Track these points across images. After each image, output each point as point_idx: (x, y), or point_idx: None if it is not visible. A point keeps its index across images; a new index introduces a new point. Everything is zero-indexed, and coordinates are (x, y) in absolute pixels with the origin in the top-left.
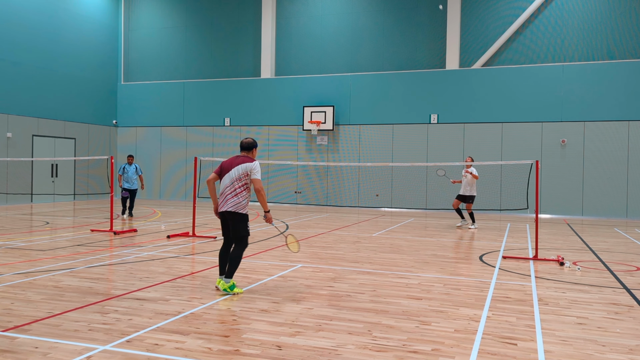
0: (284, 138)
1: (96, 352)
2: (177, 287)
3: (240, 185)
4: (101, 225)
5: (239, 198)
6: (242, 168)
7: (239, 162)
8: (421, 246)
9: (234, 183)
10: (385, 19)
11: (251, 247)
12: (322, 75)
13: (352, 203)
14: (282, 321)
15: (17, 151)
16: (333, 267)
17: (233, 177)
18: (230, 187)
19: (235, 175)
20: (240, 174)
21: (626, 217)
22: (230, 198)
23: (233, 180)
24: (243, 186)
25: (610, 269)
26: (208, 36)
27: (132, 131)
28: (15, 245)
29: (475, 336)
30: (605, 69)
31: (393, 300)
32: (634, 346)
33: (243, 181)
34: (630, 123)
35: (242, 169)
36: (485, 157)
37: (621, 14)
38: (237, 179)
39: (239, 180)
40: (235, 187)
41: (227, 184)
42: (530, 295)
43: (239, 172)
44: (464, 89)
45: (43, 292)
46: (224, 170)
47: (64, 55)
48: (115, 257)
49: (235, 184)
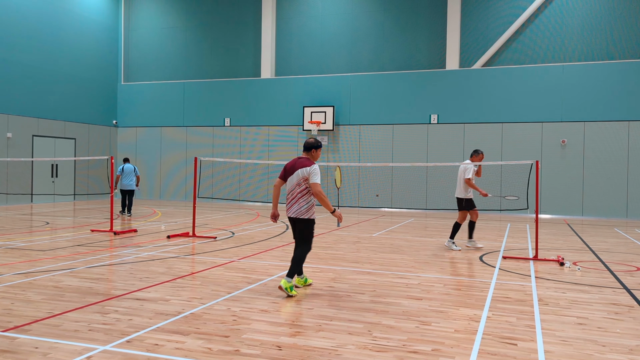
0: (284, 138)
1: (96, 352)
2: (177, 287)
3: (300, 191)
4: (101, 225)
5: (299, 204)
6: (301, 173)
7: (298, 166)
8: (421, 246)
9: (294, 189)
10: (385, 19)
11: (251, 247)
12: (322, 76)
13: (352, 203)
14: (282, 321)
15: (17, 151)
16: (333, 267)
17: (293, 183)
18: (291, 194)
19: (295, 180)
20: (300, 179)
21: (626, 217)
22: (293, 204)
23: (293, 186)
24: (302, 192)
25: (610, 269)
26: (208, 36)
27: (132, 131)
28: (15, 245)
29: (476, 336)
30: (605, 69)
31: (393, 300)
32: (634, 346)
33: (302, 186)
34: (630, 123)
35: (300, 174)
36: (485, 157)
37: (621, 14)
38: (297, 184)
39: (299, 186)
40: (295, 194)
41: (290, 189)
42: (531, 296)
43: (298, 178)
44: (464, 89)
45: (43, 292)
46: (287, 173)
47: (64, 56)
48: (115, 257)
49: (295, 189)
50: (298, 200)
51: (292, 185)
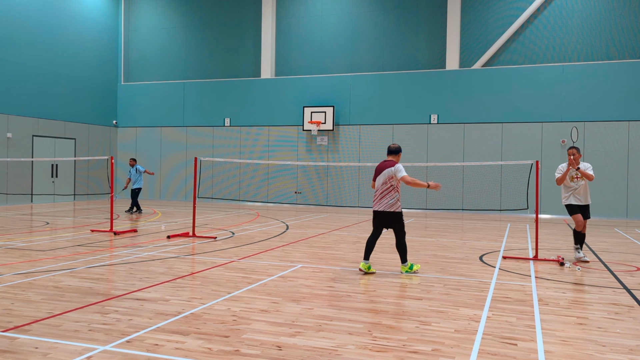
0: (284, 138)
1: (96, 353)
2: (177, 287)
3: (386, 189)
4: (101, 225)
5: (386, 199)
6: (387, 173)
7: (384, 167)
8: (421, 246)
9: (382, 186)
10: (385, 19)
11: (251, 247)
12: (322, 76)
13: (352, 203)
14: (282, 321)
15: (17, 151)
16: (333, 267)
17: (380, 182)
18: (379, 191)
19: (382, 180)
20: (386, 178)
21: (626, 217)
22: (380, 200)
23: (381, 184)
24: (388, 189)
25: (610, 269)
26: (208, 36)
27: (132, 131)
28: (15, 245)
29: (475, 336)
30: (605, 69)
31: (393, 300)
32: (634, 346)
33: (388, 184)
34: (630, 123)
35: (386, 174)
36: (485, 157)
37: (621, 14)
38: (383, 182)
39: (385, 184)
40: (382, 191)
41: (377, 187)
42: (531, 296)
43: (384, 177)
44: (464, 89)
45: (43, 292)
46: (376, 174)
47: (64, 55)
48: (115, 258)
49: (381, 187)
50: (385, 196)
51: (380, 184)
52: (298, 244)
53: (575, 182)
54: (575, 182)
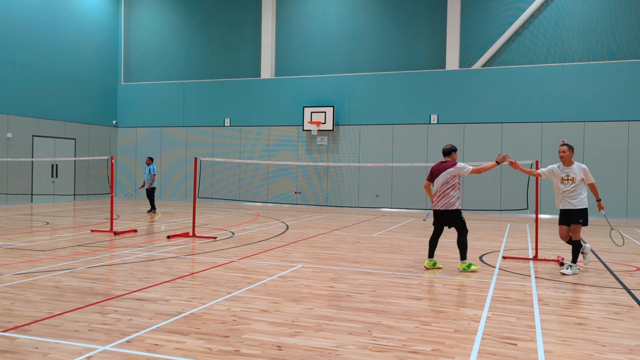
0: (284, 138)
1: (96, 353)
2: (177, 287)
3: (448, 187)
4: (101, 225)
5: (447, 198)
6: (448, 172)
7: (444, 168)
8: (421, 246)
9: (442, 186)
10: (385, 19)
11: (251, 247)
12: (322, 76)
13: (352, 203)
14: (282, 321)
15: (17, 151)
16: (333, 267)
17: (440, 182)
18: (440, 190)
19: (442, 180)
20: (447, 178)
21: (626, 217)
22: (441, 199)
23: (441, 184)
24: (450, 188)
25: (610, 269)
26: (208, 36)
27: (132, 131)
28: (15, 245)
29: (475, 336)
30: (605, 69)
31: (393, 300)
32: (634, 346)
33: (450, 184)
34: (630, 123)
35: (448, 174)
36: (486, 157)
37: (621, 14)
38: (444, 182)
39: (446, 184)
40: (443, 191)
41: (437, 187)
42: (530, 296)
43: (445, 177)
44: (464, 89)
45: (43, 292)
46: (434, 175)
47: (64, 56)
48: (115, 258)
49: (443, 187)
50: (446, 195)
51: (440, 184)
52: (298, 244)
53: (564, 184)
54: (564, 184)
